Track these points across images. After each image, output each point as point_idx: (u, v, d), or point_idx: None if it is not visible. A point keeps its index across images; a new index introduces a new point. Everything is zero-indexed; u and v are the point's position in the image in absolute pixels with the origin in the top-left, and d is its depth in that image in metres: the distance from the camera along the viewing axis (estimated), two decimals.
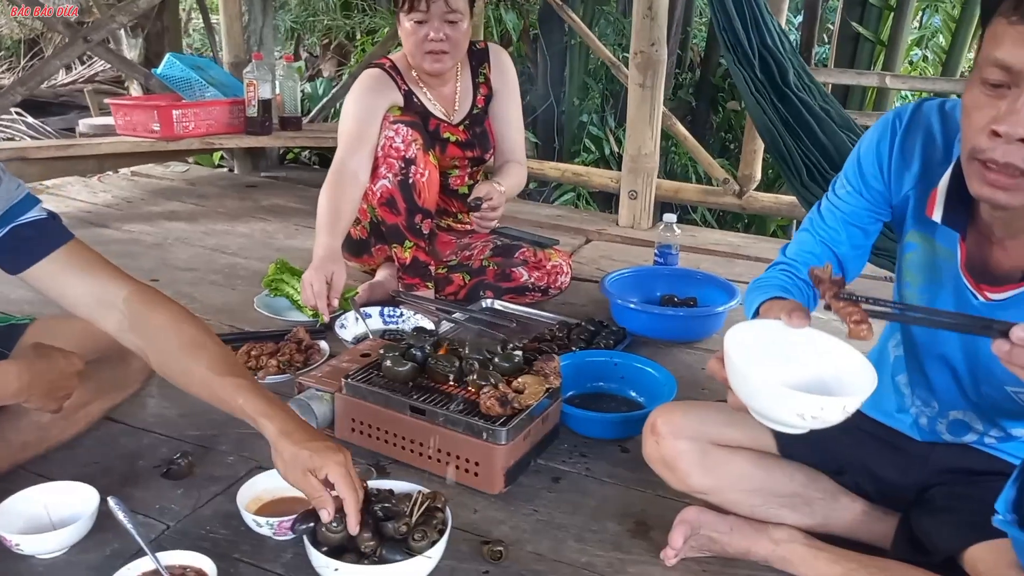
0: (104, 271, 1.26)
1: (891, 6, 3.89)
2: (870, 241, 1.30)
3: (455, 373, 1.52)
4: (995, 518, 0.91)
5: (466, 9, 2.07)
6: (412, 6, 2.02)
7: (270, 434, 1.15)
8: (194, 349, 1.22)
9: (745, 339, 0.98)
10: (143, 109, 3.09)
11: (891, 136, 1.18)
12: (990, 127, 0.90)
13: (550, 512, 1.42)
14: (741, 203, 3.20)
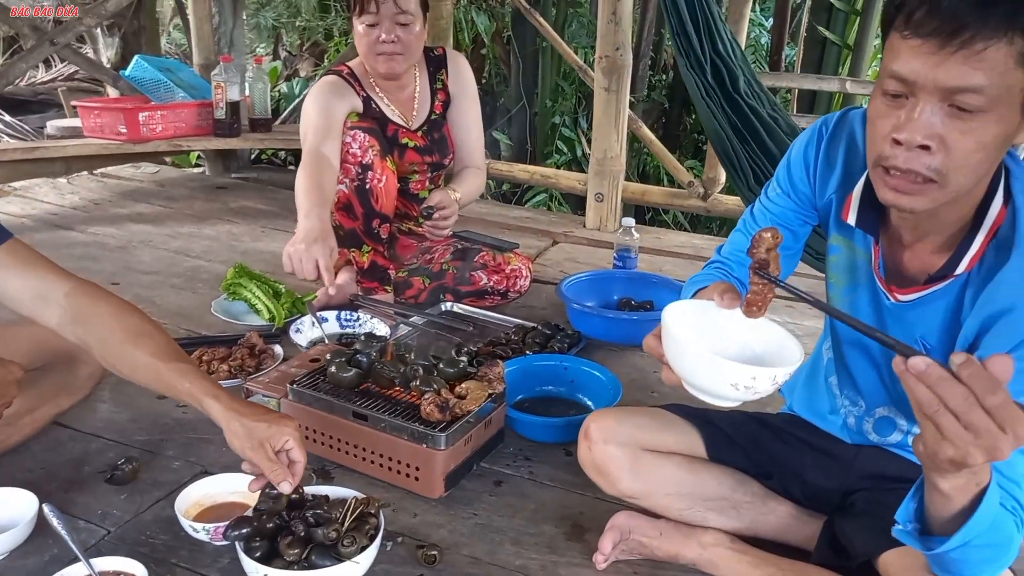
0: (44, 268, 1.28)
1: (857, 11, 3.94)
2: (800, 243, 1.33)
3: (400, 379, 1.54)
4: (895, 528, 0.93)
5: (418, 11, 2.08)
6: (362, 8, 2.04)
7: (218, 412, 1.18)
8: (138, 338, 1.24)
9: (683, 316, 1.01)
10: (110, 112, 3.09)
11: (817, 142, 1.21)
12: (891, 135, 0.93)
13: (489, 516, 1.44)
14: (706, 205, 3.23)
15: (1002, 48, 0.85)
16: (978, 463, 0.76)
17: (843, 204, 1.15)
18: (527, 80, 4.62)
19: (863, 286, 1.18)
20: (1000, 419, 0.72)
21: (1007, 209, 1.00)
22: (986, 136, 0.90)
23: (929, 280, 1.06)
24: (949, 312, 1.06)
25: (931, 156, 0.91)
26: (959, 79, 0.86)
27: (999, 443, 0.73)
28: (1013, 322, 0.94)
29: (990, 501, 0.84)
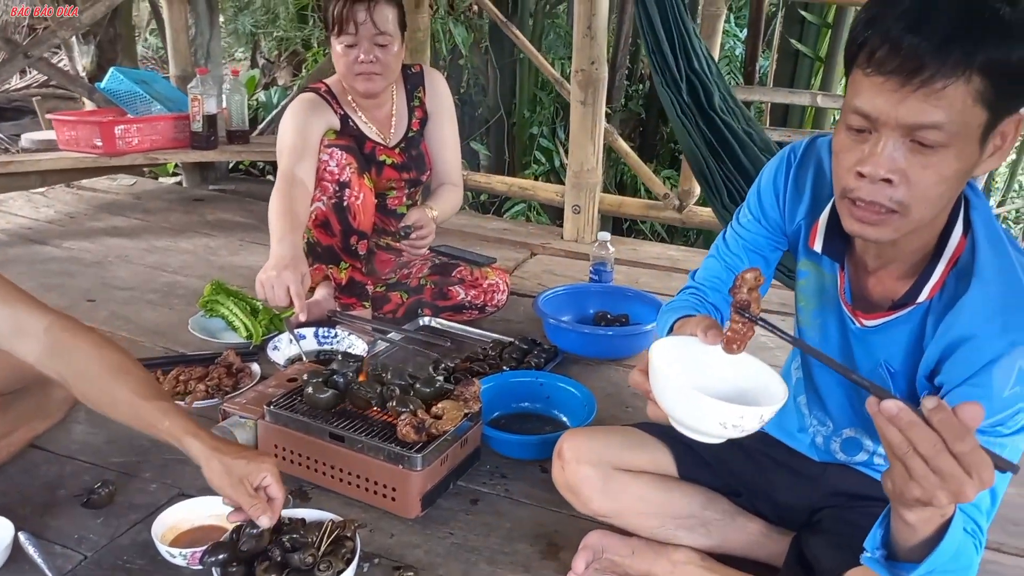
0: (21, 302, 1.28)
1: (828, 24, 4.01)
2: (771, 268, 1.37)
3: (376, 399, 1.56)
4: (863, 556, 0.96)
5: (396, 32, 2.10)
6: (341, 29, 2.05)
7: (198, 451, 1.19)
8: (117, 375, 1.24)
9: (669, 353, 1.03)
10: (85, 125, 3.07)
11: (786, 169, 1.24)
12: (856, 168, 0.96)
13: (465, 535, 1.46)
14: (681, 217, 3.27)
15: (960, 86, 0.88)
16: (943, 504, 0.79)
17: (811, 231, 1.18)
18: (505, 90, 4.65)
19: (831, 310, 1.21)
20: (967, 465, 0.75)
21: (967, 239, 1.03)
22: (946, 170, 0.93)
23: (893, 307, 1.10)
24: (912, 338, 1.10)
25: (894, 189, 0.94)
26: (919, 116, 0.89)
27: (964, 488, 0.76)
28: (972, 350, 0.98)
29: (954, 531, 0.87)
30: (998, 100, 0.90)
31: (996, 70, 0.87)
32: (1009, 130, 0.94)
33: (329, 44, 2.14)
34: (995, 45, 0.87)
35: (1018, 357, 0.94)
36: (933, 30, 0.87)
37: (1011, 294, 0.98)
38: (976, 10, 0.87)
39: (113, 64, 5.02)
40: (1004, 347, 0.95)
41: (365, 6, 2.02)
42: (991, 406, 0.95)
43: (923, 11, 0.88)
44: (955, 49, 0.86)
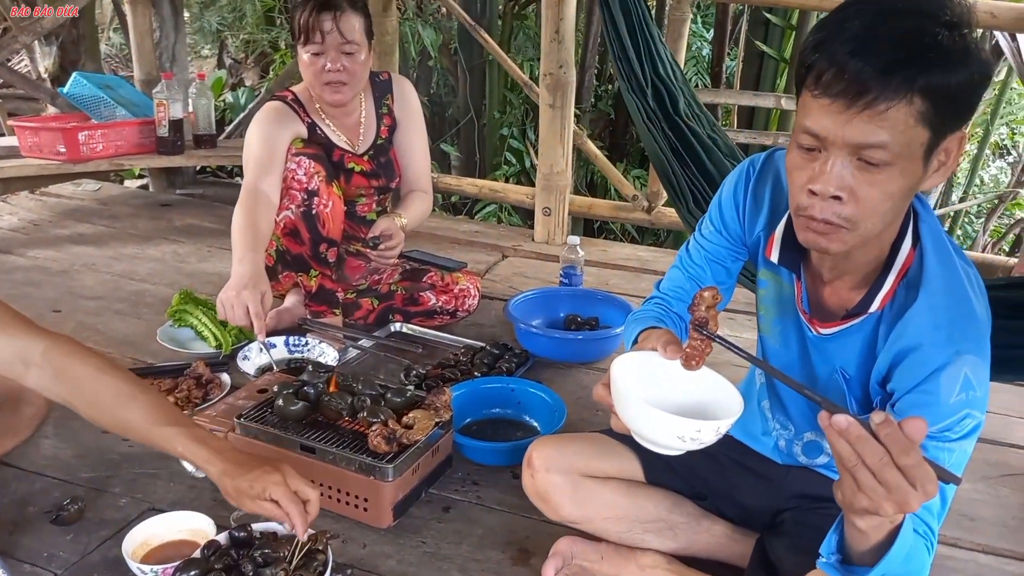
0: (16, 326, 1.26)
1: (792, 25, 4.07)
2: (733, 279, 1.40)
3: (347, 410, 1.57)
4: (819, 561, 0.99)
5: (363, 40, 2.10)
6: (307, 38, 2.05)
7: (213, 476, 1.21)
8: (125, 401, 1.24)
9: (630, 368, 1.06)
10: (48, 131, 3.03)
11: (745, 182, 1.28)
12: (807, 186, 1.00)
13: (437, 543, 1.48)
14: (650, 218, 3.31)
15: (902, 108, 0.92)
16: (889, 515, 0.82)
17: (768, 242, 1.22)
18: (475, 92, 4.66)
19: (789, 319, 1.25)
20: (912, 477, 0.79)
21: (915, 251, 1.07)
22: (891, 187, 0.97)
23: (847, 315, 1.13)
24: (866, 346, 1.14)
25: (843, 206, 0.98)
26: (865, 136, 0.93)
27: (909, 499, 0.80)
28: (920, 358, 1.01)
29: (904, 536, 0.90)
30: (939, 120, 0.93)
31: (936, 93, 0.91)
32: (952, 147, 0.98)
33: (297, 52, 2.14)
34: (935, 69, 0.90)
35: (963, 365, 0.98)
36: (876, 55, 0.90)
37: (956, 305, 1.02)
38: (917, 36, 0.91)
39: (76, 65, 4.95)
40: (950, 355, 0.98)
41: (331, 15, 2.02)
42: (938, 412, 0.99)
43: (867, 37, 0.92)
44: (897, 73, 0.90)
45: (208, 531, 1.35)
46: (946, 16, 0.92)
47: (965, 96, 0.94)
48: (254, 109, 3.93)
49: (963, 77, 0.92)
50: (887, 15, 0.92)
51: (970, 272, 1.08)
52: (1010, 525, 1.64)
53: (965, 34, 0.92)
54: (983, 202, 5.32)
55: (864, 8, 0.94)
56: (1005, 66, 4.18)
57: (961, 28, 0.92)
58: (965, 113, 0.97)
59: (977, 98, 0.97)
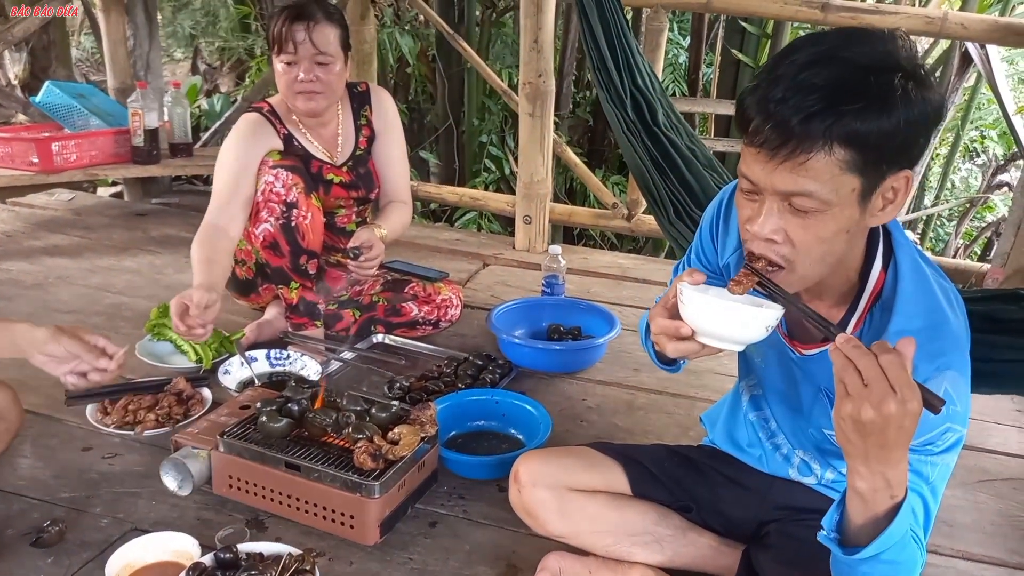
0: None
1: (768, 34, 4.11)
2: None
3: (332, 426, 1.56)
4: (820, 534, 1.01)
5: (338, 52, 2.09)
6: (280, 48, 2.04)
7: None
8: None
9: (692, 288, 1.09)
10: (20, 142, 2.98)
11: (718, 208, 1.32)
12: (746, 225, 1.04)
13: (424, 560, 1.47)
14: (630, 226, 3.33)
15: (822, 158, 0.94)
16: (868, 417, 0.86)
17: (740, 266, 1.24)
18: (453, 99, 4.65)
19: (770, 340, 1.26)
20: (892, 377, 0.85)
21: (887, 273, 1.09)
22: (824, 231, 0.99)
23: (825, 338, 1.15)
24: None
25: (779, 246, 1.02)
26: (791, 185, 0.96)
27: (887, 399, 0.85)
28: None
29: (903, 518, 0.93)
30: (870, 166, 0.95)
31: (860, 141, 0.92)
32: (900, 186, 0.99)
33: (271, 62, 2.13)
34: (857, 118, 0.91)
35: (943, 380, 1.00)
36: (796, 106, 0.92)
37: (932, 323, 1.04)
38: (840, 85, 0.92)
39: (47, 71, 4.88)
40: (929, 372, 1.00)
41: (305, 26, 2.01)
42: (920, 427, 1.01)
43: (791, 87, 0.93)
44: (815, 124, 0.92)
45: (193, 552, 1.34)
46: (883, 62, 0.93)
47: (899, 141, 0.94)
48: (231, 117, 3.90)
49: (893, 123, 0.92)
50: (818, 63, 0.93)
51: (947, 288, 1.10)
52: (988, 531, 1.67)
53: (899, 80, 0.92)
54: (955, 206, 5.42)
55: (797, 56, 0.95)
56: (974, 72, 4.27)
57: (895, 73, 0.92)
58: (902, 156, 0.97)
59: (916, 141, 0.96)
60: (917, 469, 1.02)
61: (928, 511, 1.05)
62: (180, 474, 1.55)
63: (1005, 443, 2.02)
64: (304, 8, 2.03)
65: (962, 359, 1.04)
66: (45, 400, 1.91)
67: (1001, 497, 1.78)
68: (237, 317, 2.44)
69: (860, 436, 0.88)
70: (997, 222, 4.97)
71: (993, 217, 5.32)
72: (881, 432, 0.87)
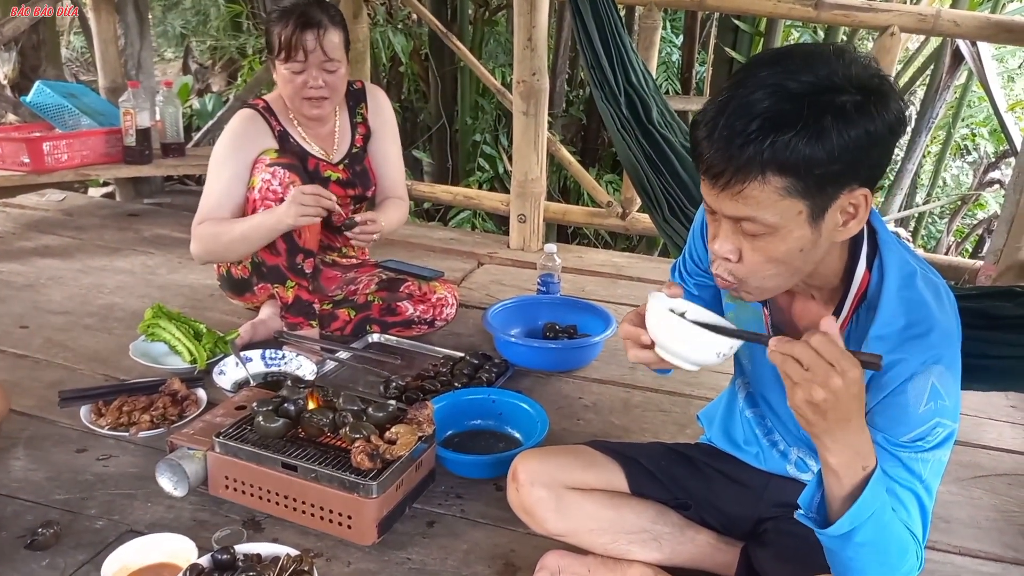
0: None
1: (760, 32, 4.12)
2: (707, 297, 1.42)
3: (329, 426, 1.55)
4: (797, 513, 1.03)
5: (343, 55, 2.09)
6: (289, 56, 2.02)
7: None
8: None
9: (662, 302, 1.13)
10: (11, 142, 2.96)
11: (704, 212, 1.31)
12: (710, 244, 1.07)
13: (423, 559, 1.47)
14: (625, 224, 3.33)
15: (756, 186, 0.94)
16: (820, 397, 0.90)
17: None
18: (446, 98, 4.64)
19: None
20: (827, 355, 0.90)
21: (871, 272, 1.09)
22: (775, 252, 1.01)
23: None
24: None
25: (733, 265, 1.04)
26: (734, 211, 0.98)
27: (831, 375, 0.89)
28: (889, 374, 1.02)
29: (875, 486, 0.95)
30: (810, 190, 0.94)
31: (794, 167, 0.92)
32: (859, 202, 0.99)
33: (273, 64, 2.11)
34: (784, 147, 0.91)
35: (930, 375, 1.01)
36: (726, 137, 0.93)
37: (918, 319, 1.04)
38: (773, 115, 0.91)
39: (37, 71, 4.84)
40: (916, 367, 1.01)
41: (315, 34, 2.00)
42: (908, 422, 1.02)
43: (729, 117, 0.94)
44: (747, 153, 0.93)
45: (189, 553, 1.33)
46: (823, 84, 0.92)
47: (840, 164, 0.93)
48: (224, 116, 3.88)
49: (827, 148, 0.91)
50: (759, 92, 0.93)
51: (937, 284, 1.09)
52: (983, 526, 1.67)
53: (841, 100, 0.91)
54: (946, 204, 5.44)
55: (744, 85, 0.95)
56: (965, 70, 4.29)
57: (837, 94, 0.92)
58: (849, 176, 0.95)
59: (866, 157, 0.95)
60: (909, 466, 1.03)
61: (924, 508, 1.05)
62: (176, 475, 1.54)
63: (999, 439, 2.03)
64: (311, 14, 2.01)
65: (951, 354, 1.04)
66: (38, 402, 1.90)
67: (996, 493, 1.79)
68: (232, 317, 2.43)
69: (819, 415, 0.92)
70: (989, 219, 5.00)
71: (984, 214, 5.34)
72: (835, 406, 0.90)
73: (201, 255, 2.11)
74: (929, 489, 1.05)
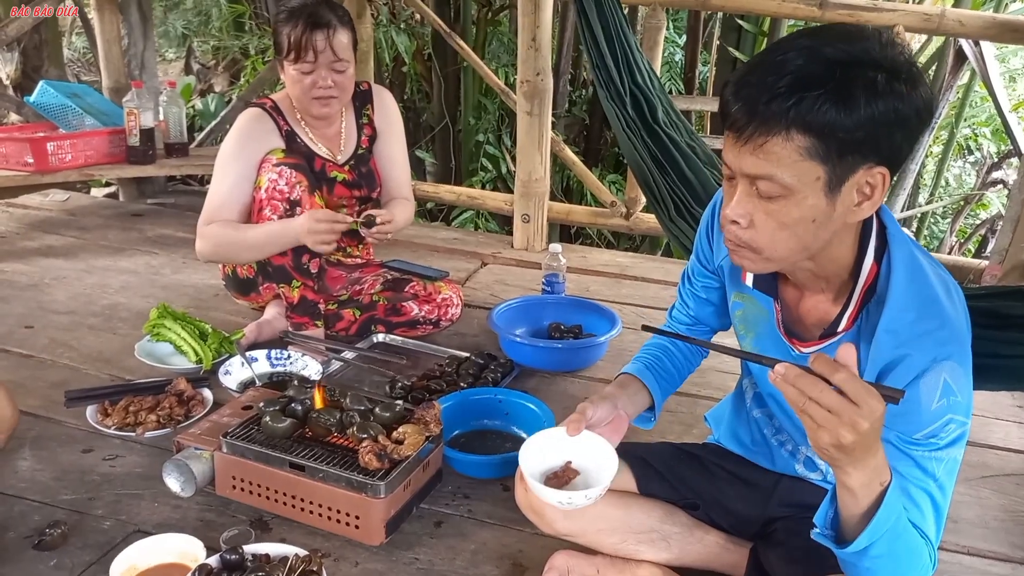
0: None
1: (764, 32, 4.12)
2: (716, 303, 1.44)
3: (336, 426, 1.55)
4: (814, 532, 1.02)
5: (351, 55, 2.09)
6: (299, 56, 2.02)
7: None
8: None
9: (539, 443, 1.28)
10: (15, 142, 2.96)
11: (712, 211, 1.33)
12: (723, 210, 1.07)
13: (430, 559, 1.47)
14: (629, 224, 3.33)
15: (779, 143, 0.95)
16: (849, 440, 0.86)
17: (738, 268, 1.25)
18: (449, 98, 4.64)
19: (769, 339, 1.26)
20: (851, 394, 0.85)
21: (879, 266, 1.08)
22: (785, 218, 1.00)
23: (823, 335, 1.15)
24: None
25: (744, 230, 1.04)
26: (753, 168, 0.98)
27: (856, 417, 0.85)
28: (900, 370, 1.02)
29: (891, 500, 0.94)
30: (831, 156, 0.95)
31: (819, 129, 0.93)
32: (876, 182, 0.99)
33: (280, 65, 2.11)
34: (815, 106, 0.92)
35: (941, 372, 1.00)
36: (760, 90, 0.94)
37: (928, 315, 1.03)
38: (804, 75, 0.93)
39: (39, 71, 4.84)
40: (927, 363, 1.00)
41: (325, 34, 2.00)
42: (920, 419, 1.01)
43: (761, 73, 0.95)
44: (775, 107, 0.94)
45: (198, 554, 1.33)
46: (857, 58, 0.93)
47: (863, 134, 0.94)
48: (227, 117, 3.88)
49: (854, 116, 0.92)
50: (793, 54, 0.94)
51: (947, 280, 1.09)
52: (992, 526, 1.67)
53: (872, 75, 0.92)
54: (949, 204, 5.43)
55: (780, 47, 0.97)
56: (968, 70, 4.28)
57: (868, 69, 0.93)
58: (869, 150, 0.96)
59: (889, 137, 0.95)
60: (923, 465, 1.02)
61: (938, 508, 1.05)
62: (183, 475, 1.54)
63: (1007, 439, 2.02)
64: (320, 15, 2.02)
65: (961, 350, 1.04)
66: (44, 402, 1.90)
67: (1004, 493, 1.79)
68: (236, 317, 2.43)
69: (846, 453, 0.89)
70: (992, 219, 4.99)
71: (987, 214, 5.34)
72: (863, 443, 0.88)
73: (208, 255, 2.12)
74: (943, 488, 1.04)
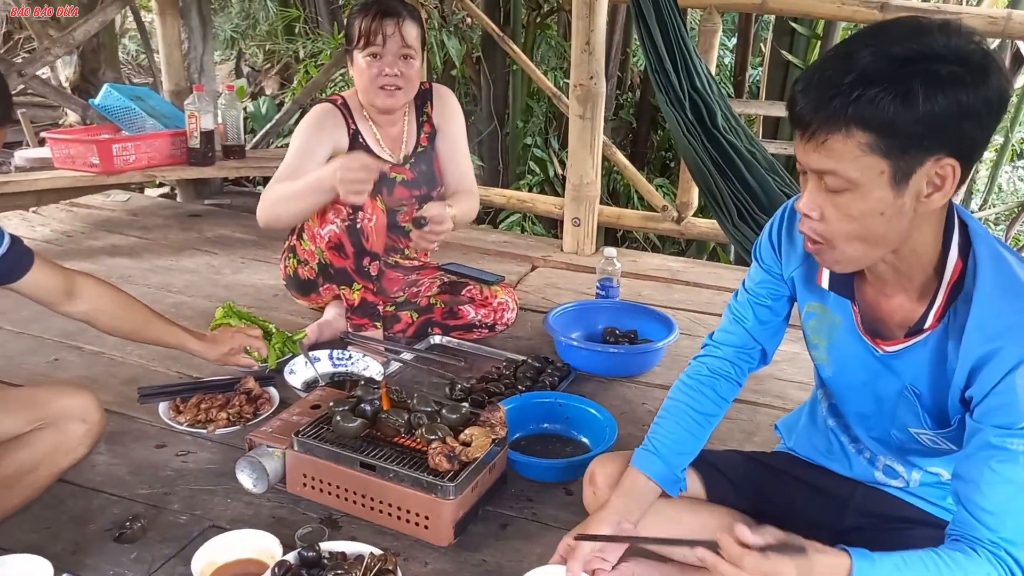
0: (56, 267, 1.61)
1: (818, 35, 4.07)
2: (780, 316, 1.41)
3: (405, 427, 1.57)
4: None
5: (419, 47, 2.14)
6: (368, 41, 2.08)
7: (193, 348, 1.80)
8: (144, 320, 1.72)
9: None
10: (82, 143, 3.05)
11: (780, 221, 1.33)
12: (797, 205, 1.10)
13: (498, 561, 1.48)
14: (680, 229, 3.31)
15: (840, 139, 0.97)
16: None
17: (811, 273, 1.26)
18: (498, 101, 4.67)
19: (848, 343, 1.24)
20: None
21: (963, 262, 1.07)
22: (853, 210, 1.02)
23: (908, 333, 1.14)
24: (934, 361, 1.14)
25: (815, 223, 1.06)
26: (817, 164, 1.01)
27: None
28: (993, 365, 1.02)
29: None
30: (893, 150, 0.96)
31: (878, 125, 0.94)
32: (946, 173, 0.98)
33: (350, 58, 2.17)
34: (872, 103, 0.94)
35: None
36: (817, 90, 0.97)
37: (1018, 309, 1.02)
38: (865, 72, 0.95)
39: (96, 74, 4.99)
40: (1019, 356, 1.00)
41: (394, 21, 2.08)
42: (1017, 411, 1.01)
43: (826, 72, 0.98)
44: (829, 107, 0.96)
45: (275, 550, 1.36)
46: (920, 52, 0.93)
47: (929, 128, 0.94)
48: (280, 120, 3.96)
49: (919, 112, 0.93)
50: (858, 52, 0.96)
51: None
52: None
53: (936, 68, 0.93)
54: (1003, 210, 5.31)
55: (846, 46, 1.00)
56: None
57: (932, 62, 0.93)
58: (935, 143, 0.96)
59: (956, 127, 0.95)
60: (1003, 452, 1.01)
61: None
62: (256, 472, 1.58)
63: None
64: (391, 5, 2.11)
65: None
66: (117, 398, 1.96)
67: None
68: (296, 317, 2.48)
69: None
70: None
71: None
72: None
73: (263, 218, 2.13)
74: None
